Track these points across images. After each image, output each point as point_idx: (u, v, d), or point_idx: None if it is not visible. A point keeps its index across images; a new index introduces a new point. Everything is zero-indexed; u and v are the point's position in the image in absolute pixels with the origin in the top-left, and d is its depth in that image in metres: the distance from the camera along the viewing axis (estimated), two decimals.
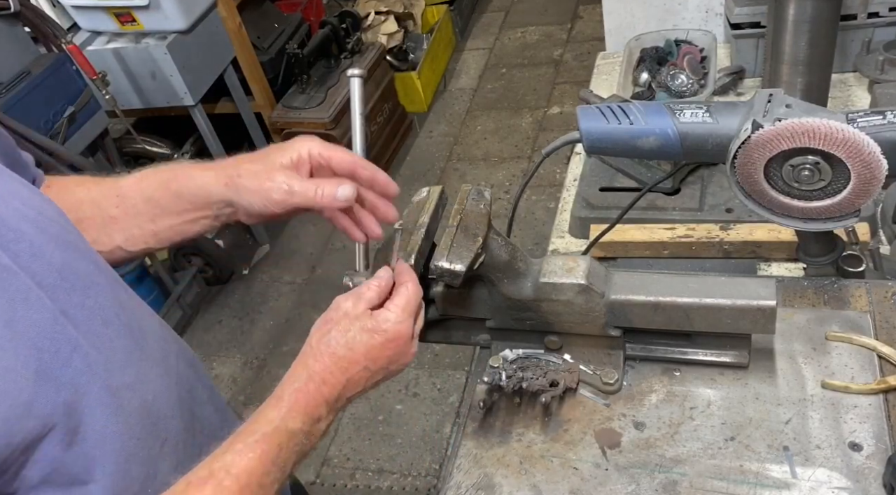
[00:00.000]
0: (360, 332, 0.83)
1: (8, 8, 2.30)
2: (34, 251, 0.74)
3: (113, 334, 0.80)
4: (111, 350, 0.78)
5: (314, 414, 0.80)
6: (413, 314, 0.87)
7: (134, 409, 0.79)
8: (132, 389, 0.80)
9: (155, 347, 0.88)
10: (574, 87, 4.10)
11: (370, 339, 0.83)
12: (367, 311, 0.85)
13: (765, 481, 0.95)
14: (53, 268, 0.75)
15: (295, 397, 0.80)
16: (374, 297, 0.87)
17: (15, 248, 0.73)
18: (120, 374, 0.78)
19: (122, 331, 0.81)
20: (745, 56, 1.87)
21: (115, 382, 0.77)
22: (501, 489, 1.01)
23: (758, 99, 0.98)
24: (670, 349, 1.10)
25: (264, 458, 0.75)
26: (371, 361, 0.84)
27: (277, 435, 0.77)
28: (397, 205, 1.03)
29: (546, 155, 1.14)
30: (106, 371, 0.76)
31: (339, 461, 2.66)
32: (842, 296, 1.16)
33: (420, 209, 1.02)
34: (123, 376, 0.79)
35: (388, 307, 0.86)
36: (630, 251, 1.44)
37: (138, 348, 0.84)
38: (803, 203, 1.01)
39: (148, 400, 0.82)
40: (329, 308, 0.87)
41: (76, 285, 0.77)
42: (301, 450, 0.80)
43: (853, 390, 1.02)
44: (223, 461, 0.73)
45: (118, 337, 0.80)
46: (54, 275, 0.75)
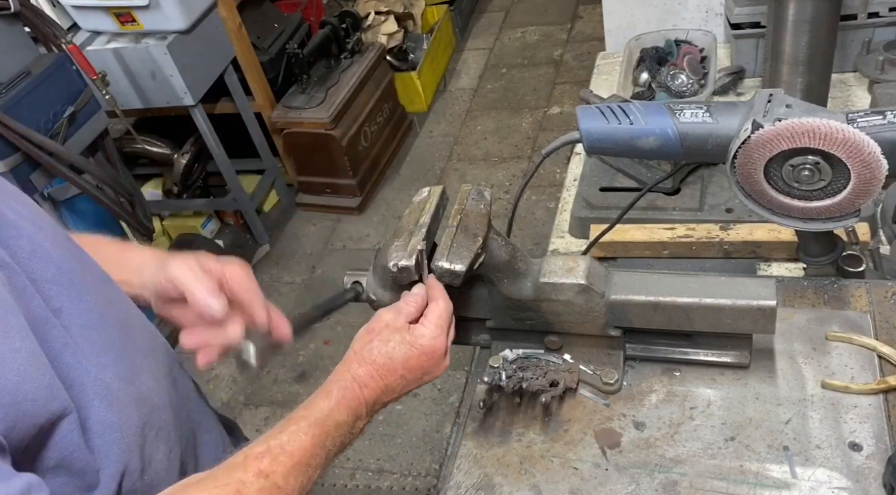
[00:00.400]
0: (399, 344, 0.90)
1: (8, 8, 2.30)
2: (32, 248, 0.77)
3: (107, 328, 0.83)
4: (104, 345, 0.81)
5: (357, 411, 0.86)
6: (446, 329, 0.94)
7: (130, 400, 0.82)
8: (127, 381, 0.83)
9: (143, 341, 0.91)
10: (574, 87, 4.10)
11: (408, 351, 0.90)
12: (406, 325, 0.92)
13: (765, 481, 0.95)
14: (50, 265, 0.78)
15: (342, 393, 0.86)
16: (413, 312, 0.93)
17: (14, 245, 0.75)
18: (113, 367, 0.81)
19: (114, 327, 0.85)
20: (745, 56, 1.87)
21: (109, 375, 0.80)
22: (501, 489, 1.01)
23: (758, 99, 0.98)
24: (672, 349, 1.10)
25: (314, 441, 0.80)
26: (407, 371, 0.90)
27: (327, 423, 0.83)
28: (400, 205, 1.06)
29: (546, 155, 1.14)
30: (97, 366, 0.79)
31: (339, 461, 2.65)
32: (842, 296, 1.16)
33: (421, 209, 1.02)
34: (117, 369, 0.82)
35: (423, 323, 0.92)
36: (630, 251, 1.44)
37: (130, 342, 0.87)
38: (803, 203, 1.01)
39: (142, 391, 0.85)
40: (372, 318, 0.94)
41: (72, 282, 0.80)
42: (342, 443, 0.85)
43: (853, 390, 1.02)
44: (279, 439, 0.79)
45: (110, 332, 0.83)
46: (51, 271, 0.78)
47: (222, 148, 3.21)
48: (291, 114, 3.47)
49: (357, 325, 0.96)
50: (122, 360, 0.83)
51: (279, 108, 3.50)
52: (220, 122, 3.25)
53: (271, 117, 3.49)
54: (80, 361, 0.77)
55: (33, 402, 0.68)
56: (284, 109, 3.49)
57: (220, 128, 3.20)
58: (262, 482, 0.74)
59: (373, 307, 1.09)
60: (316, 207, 3.72)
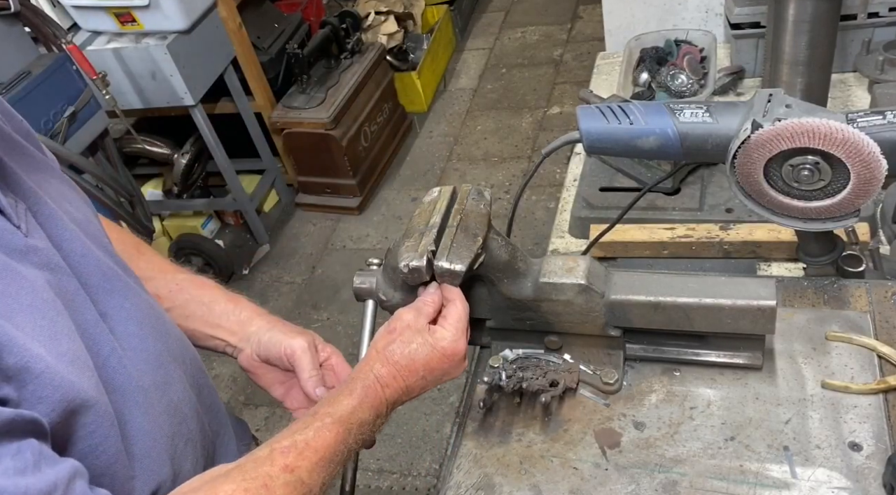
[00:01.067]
0: (421, 346, 0.91)
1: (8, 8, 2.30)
2: (84, 251, 0.78)
3: (145, 335, 0.84)
4: (143, 351, 0.82)
5: (378, 410, 0.87)
6: (465, 331, 0.95)
7: (163, 409, 0.83)
8: (161, 390, 0.84)
9: (176, 348, 0.91)
10: (574, 87, 4.10)
11: (430, 353, 0.91)
12: (426, 326, 0.92)
13: (765, 481, 0.95)
14: (98, 270, 0.79)
15: (365, 392, 0.87)
16: (432, 312, 0.94)
17: (68, 247, 0.76)
18: (151, 375, 0.82)
19: (152, 333, 0.85)
20: (745, 56, 1.87)
21: (147, 382, 0.81)
22: (501, 489, 1.01)
23: (758, 99, 0.98)
24: (682, 350, 1.09)
25: (338, 438, 0.82)
26: (428, 372, 0.92)
27: (350, 420, 0.84)
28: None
29: (546, 155, 1.14)
30: (138, 371, 0.80)
31: None
32: (842, 296, 1.16)
33: (431, 209, 1.02)
34: (154, 376, 0.83)
35: (443, 325, 0.93)
36: (630, 251, 1.44)
37: (165, 349, 0.87)
38: (803, 203, 1.01)
39: (174, 401, 0.86)
40: (392, 318, 0.95)
41: (115, 287, 0.81)
42: (363, 440, 0.86)
43: (853, 390, 1.02)
44: (305, 435, 0.80)
45: (149, 338, 0.84)
46: (98, 276, 0.79)
47: (222, 148, 3.21)
48: (291, 114, 3.47)
49: (355, 325, 0.96)
50: (158, 368, 0.84)
51: (279, 108, 3.50)
52: (220, 121, 3.25)
53: (271, 117, 3.49)
54: (124, 367, 0.77)
55: (79, 404, 0.68)
56: (284, 109, 3.49)
57: (220, 128, 3.20)
58: (288, 477, 0.75)
59: (383, 307, 1.09)
60: (316, 207, 3.72)
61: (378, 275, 1.08)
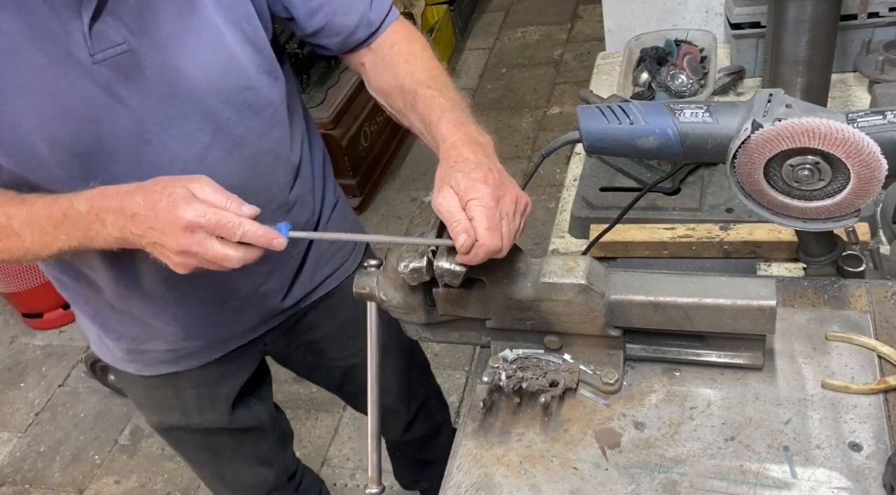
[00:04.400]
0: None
1: None
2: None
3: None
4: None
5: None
6: (190, 203, 0.94)
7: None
8: None
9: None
10: (574, 86, 4.10)
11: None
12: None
13: (765, 481, 0.95)
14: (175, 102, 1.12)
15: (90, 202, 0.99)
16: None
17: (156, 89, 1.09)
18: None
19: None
20: (745, 56, 1.87)
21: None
22: (501, 489, 1.01)
23: (758, 99, 0.98)
24: (682, 350, 1.09)
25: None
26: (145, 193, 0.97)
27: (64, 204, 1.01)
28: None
29: (546, 155, 1.14)
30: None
31: (339, 461, 2.66)
32: (842, 296, 1.16)
33: (432, 209, 1.02)
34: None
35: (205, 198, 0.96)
36: (630, 251, 1.44)
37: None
38: (803, 203, 1.01)
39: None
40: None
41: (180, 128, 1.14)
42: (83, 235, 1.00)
43: (853, 390, 1.02)
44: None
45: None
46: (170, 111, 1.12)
47: None
48: None
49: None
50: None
51: None
52: None
53: None
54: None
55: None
56: None
57: None
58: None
59: (383, 308, 1.10)
60: None
61: (378, 276, 1.08)
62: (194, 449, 1.62)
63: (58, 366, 3.25)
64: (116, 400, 3.03)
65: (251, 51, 1.15)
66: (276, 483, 1.72)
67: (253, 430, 1.60)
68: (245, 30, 1.14)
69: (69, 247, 1.02)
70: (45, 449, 2.92)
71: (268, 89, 1.19)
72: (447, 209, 0.93)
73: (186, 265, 0.96)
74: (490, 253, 0.91)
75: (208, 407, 1.48)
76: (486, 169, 0.96)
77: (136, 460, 2.81)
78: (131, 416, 2.96)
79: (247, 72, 1.15)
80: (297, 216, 1.34)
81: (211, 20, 1.09)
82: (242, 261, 0.96)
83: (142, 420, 2.93)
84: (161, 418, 1.52)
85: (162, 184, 0.95)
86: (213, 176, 1.10)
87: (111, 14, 1.02)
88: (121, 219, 0.96)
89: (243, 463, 1.64)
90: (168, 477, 2.72)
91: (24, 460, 2.89)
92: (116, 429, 2.93)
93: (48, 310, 3.35)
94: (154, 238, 0.95)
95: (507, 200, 0.94)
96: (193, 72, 1.09)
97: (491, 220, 0.91)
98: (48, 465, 2.86)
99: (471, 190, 0.92)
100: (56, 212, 1.00)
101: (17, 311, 3.42)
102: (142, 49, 1.05)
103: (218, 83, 1.12)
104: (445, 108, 1.09)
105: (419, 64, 1.20)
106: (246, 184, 1.19)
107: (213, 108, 1.13)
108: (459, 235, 0.91)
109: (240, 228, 0.93)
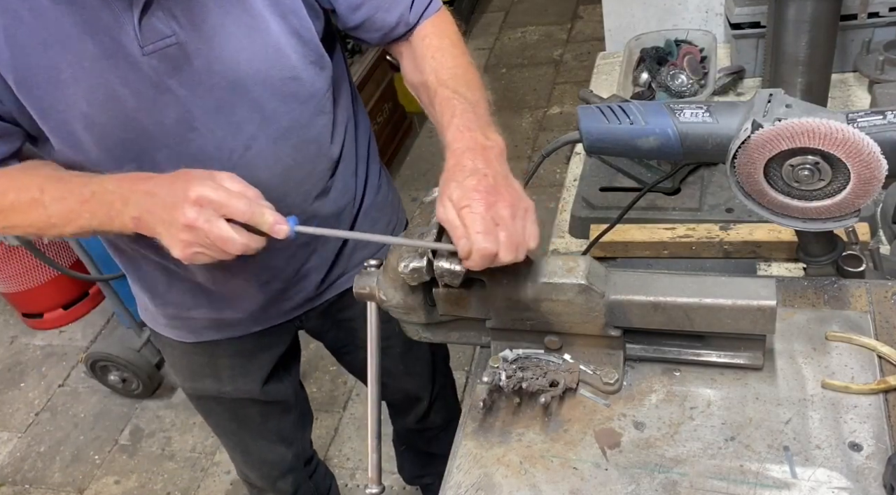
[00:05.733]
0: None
1: None
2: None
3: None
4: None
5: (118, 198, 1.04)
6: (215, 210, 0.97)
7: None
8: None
9: None
10: (574, 86, 4.10)
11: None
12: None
13: (765, 481, 0.95)
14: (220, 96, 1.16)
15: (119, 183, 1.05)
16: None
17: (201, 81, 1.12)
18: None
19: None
20: (745, 56, 1.87)
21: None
22: (501, 489, 1.01)
23: (758, 99, 0.98)
24: (682, 350, 1.09)
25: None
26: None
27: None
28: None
29: (546, 155, 1.14)
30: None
31: (339, 461, 2.66)
32: (842, 296, 1.16)
33: (431, 209, 1.02)
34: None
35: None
36: (630, 251, 1.44)
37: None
38: (803, 203, 1.01)
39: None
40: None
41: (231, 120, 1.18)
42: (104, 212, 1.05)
43: (853, 390, 1.02)
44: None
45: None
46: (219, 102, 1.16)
47: None
48: None
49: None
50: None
51: None
52: None
53: None
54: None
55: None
56: None
57: None
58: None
59: (383, 308, 1.10)
60: None
61: (378, 276, 1.08)
62: (223, 419, 1.66)
63: (58, 366, 3.25)
64: (116, 400, 3.03)
65: (297, 42, 1.17)
66: (293, 464, 1.77)
67: (279, 404, 1.64)
68: (292, 21, 1.15)
69: (89, 225, 1.07)
70: (45, 449, 2.92)
71: (313, 79, 1.21)
72: (446, 218, 0.95)
73: (190, 246, 0.98)
74: (485, 256, 0.92)
75: (241, 376, 1.52)
76: (481, 175, 0.96)
77: (136, 460, 2.81)
78: (131, 416, 2.97)
79: (292, 62, 1.17)
80: (338, 200, 1.36)
81: (258, 12, 1.12)
82: (244, 248, 0.97)
83: (142, 419, 2.94)
84: (194, 384, 1.56)
85: (188, 171, 1.01)
86: (258, 164, 1.17)
87: (161, 8, 1.05)
88: (142, 198, 1.01)
89: (266, 438, 1.69)
90: (168, 477, 2.72)
91: (24, 460, 2.90)
92: (116, 429, 2.94)
93: (48, 310, 3.36)
94: (165, 215, 0.98)
95: (501, 205, 0.94)
96: (240, 63, 1.12)
97: (483, 225, 0.91)
98: (48, 465, 2.86)
99: (463, 198, 0.94)
100: (86, 191, 1.05)
101: (17, 311, 3.42)
102: (190, 41, 1.08)
103: (264, 74, 1.14)
104: (456, 111, 1.10)
105: (445, 60, 1.21)
106: (289, 172, 1.23)
107: (260, 98, 1.15)
108: (459, 240, 0.92)
109: (250, 208, 0.96)
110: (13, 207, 1.11)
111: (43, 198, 1.08)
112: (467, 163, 0.99)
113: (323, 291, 1.46)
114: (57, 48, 1.03)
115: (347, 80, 1.38)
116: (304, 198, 1.10)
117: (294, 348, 1.64)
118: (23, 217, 1.11)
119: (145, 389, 2.94)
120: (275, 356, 1.54)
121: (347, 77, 1.38)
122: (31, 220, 1.11)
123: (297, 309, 1.46)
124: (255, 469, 1.78)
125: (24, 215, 1.11)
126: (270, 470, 1.76)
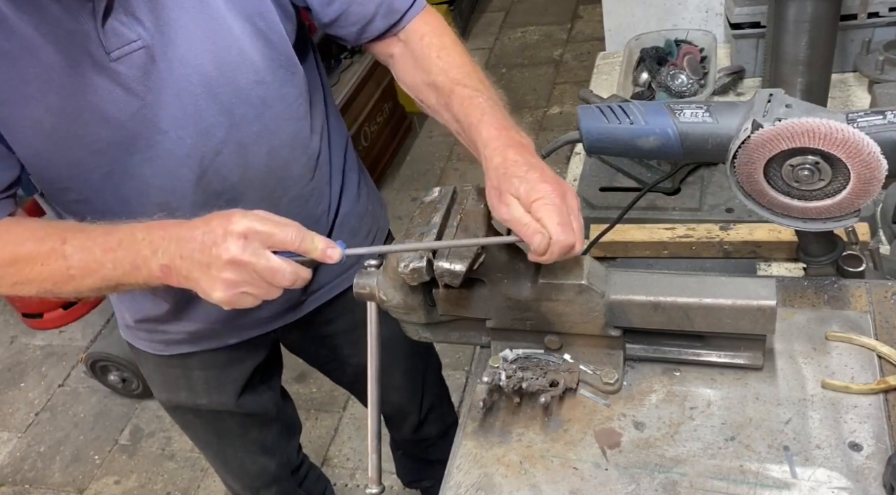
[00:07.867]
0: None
1: None
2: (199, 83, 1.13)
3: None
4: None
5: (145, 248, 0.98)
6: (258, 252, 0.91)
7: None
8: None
9: None
10: (574, 86, 4.11)
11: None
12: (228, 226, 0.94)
13: (765, 481, 0.95)
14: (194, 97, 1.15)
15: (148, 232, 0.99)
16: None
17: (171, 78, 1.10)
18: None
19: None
20: (745, 56, 1.87)
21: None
22: (501, 489, 1.01)
23: (758, 99, 0.98)
24: (682, 350, 1.09)
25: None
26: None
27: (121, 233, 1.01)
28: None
29: (546, 155, 1.14)
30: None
31: (339, 461, 2.66)
32: (842, 296, 1.16)
33: (432, 209, 1.02)
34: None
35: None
36: (630, 251, 1.44)
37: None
38: (803, 203, 1.01)
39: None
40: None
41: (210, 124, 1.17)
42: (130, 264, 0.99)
43: (853, 390, 1.02)
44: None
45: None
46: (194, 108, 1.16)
47: None
48: None
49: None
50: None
51: None
52: None
53: None
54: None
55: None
56: None
57: None
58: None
59: (383, 308, 1.10)
60: None
61: (378, 276, 1.08)
62: (199, 430, 1.65)
63: (58, 366, 3.25)
64: (116, 400, 3.03)
65: (263, 44, 1.15)
66: (277, 474, 1.74)
67: (258, 416, 1.62)
68: (257, 24, 1.13)
69: (112, 277, 1.01)
70: (45, 449, 2.92)
71: (282, 83, 1.19)
72: (513, 216, 0.90)
73: (234, 285, 0.91)
74: (565, 249, 0.89)
75: (216, 389, 1.50)
76: (541, 168, 0.94)
77: (136, 460, 2.81)
78: (131, 416, 2.97)
79: (257, 66, 1.15)
80: (313, 208, 1.33)
81: (219, 14, 1.09)
82: (293, 278, 0.92)
83: (142, 419, 2.94)
84: (169, 396, 1.55)
85: (220, 212, 0.94)
86: (230, 169, 1.14)
87: (124, 12, 1.03)
88: (173, 244, 0.95)
89: (247, 449, 1.66)
90: (168, 477, 2.73)
91: (24, 460, 2.90)
92: (116, 429, 2.94)
93: (48, 310, 3.36)
94: (203, 257, 0.92)
95: (571, 196, 0.92)
96: (205, 67, 1.10)
97: (561, 216, 0.89)
98: (48, 465, 2.86)
99: (532, 191, 0.90)
100: (112, 239, 1.00)
101: (17, 311, 3.42)
102: (155, 45, 1.06)
103: (230, 78, 1.12)
104: (485, 109, 1.07)
105: (452, 59, 1.18)
106: (262, 177, 1.20)
107: (227, 102, 1.14)
108: (534, 236, 0.88)
109: (300, 234, 0.91)
110: (30, 257, 1.04)
111: (64, 248, 1.02)
112: (519, 158, 0.95)
113: (301, 303, 1.44)
114: (24, 61, 1.00)
115: (322, 88, 1.35)
116: (277, 204, 1.05)
117: (274, 359, 1.61)
118: (40, 269, 1.03)
119: (145, 389, 2.94)
120: (249, 368, 1.52)
121: (322, 86, 1.35)
122: (49, 273, 1.03)
123: (274, 320, 1.43)
124: (237, 479, 1.75)
125: (42, 267, 1.03)
126: (252, 480, 1.73)
